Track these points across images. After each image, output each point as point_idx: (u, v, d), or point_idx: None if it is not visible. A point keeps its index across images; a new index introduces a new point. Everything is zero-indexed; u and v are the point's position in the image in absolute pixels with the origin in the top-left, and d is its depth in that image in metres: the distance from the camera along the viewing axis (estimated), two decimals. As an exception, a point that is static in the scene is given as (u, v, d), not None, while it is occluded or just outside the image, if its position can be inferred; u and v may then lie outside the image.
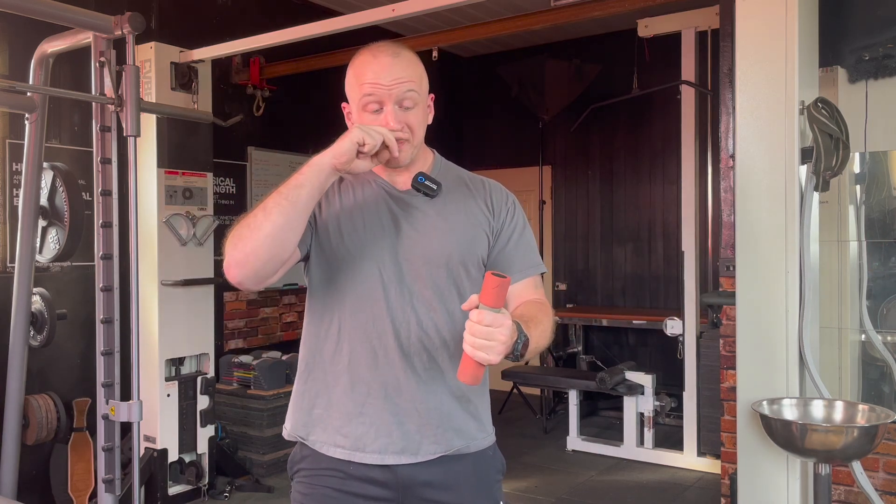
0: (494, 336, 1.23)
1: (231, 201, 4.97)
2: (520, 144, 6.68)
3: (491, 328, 1.22)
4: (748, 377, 2.64)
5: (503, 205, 1.59)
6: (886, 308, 3.14)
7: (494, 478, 1.60)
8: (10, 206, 3.77)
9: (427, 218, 1.51)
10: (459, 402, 1.52)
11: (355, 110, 1.51)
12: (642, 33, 4.70)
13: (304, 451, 1.56)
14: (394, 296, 1.47)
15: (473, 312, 1.24)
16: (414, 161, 1.53)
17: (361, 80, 1.47)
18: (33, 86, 3.27)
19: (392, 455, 1.47)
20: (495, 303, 1.24)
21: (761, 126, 2.61)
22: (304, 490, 1.55)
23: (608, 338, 6.30)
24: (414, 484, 1.49)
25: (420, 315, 1.48)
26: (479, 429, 1.56)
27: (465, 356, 1.27)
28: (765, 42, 2.60)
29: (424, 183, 1.49)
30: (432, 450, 1.49)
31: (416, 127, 1.48)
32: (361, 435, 1.48)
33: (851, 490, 3.02)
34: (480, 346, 1.24)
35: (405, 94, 1.45)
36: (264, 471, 4.41)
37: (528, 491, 4.26)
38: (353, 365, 1.49)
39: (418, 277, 1.48)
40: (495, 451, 1.61)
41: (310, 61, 4.72)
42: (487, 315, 1.23)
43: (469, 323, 1.24)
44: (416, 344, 1.48)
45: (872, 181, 3.18)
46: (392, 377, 1.47)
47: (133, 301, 2.96)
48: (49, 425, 3.65)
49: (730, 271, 3.10)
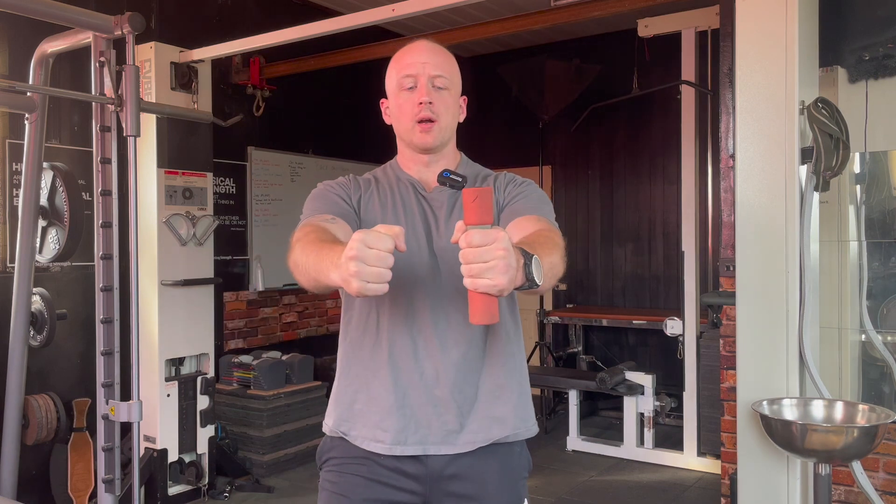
0: (491, 254, 1.08)
1: (231, 201, 4.97)
2: (520, 144, 6.67)
3: (483, 247, 1.08)
4: (748, 377, 2.64)
5: (505, 181, 1.62)
6: (886, 308, 3.14)
7: (520, 474, 1.61)
8: (10, 206, 3.77)
9: (454, 212, 1.55)
10: (500, 390, 1.53)
11: (393, 94, 1.57)
12: (642, 33, 4.70)
13: (334, 442, 1.58)
14: (431, 288, 1.50)
15: (461, 238, 1.11)
16: (444, 156, 1.60)
17: (400, 63, 1.55)
18: (33, 86, 3.27)
19: (432, 446, 1.49)
20: (480, 218, 1.09)
21: (761, 126, 2.61)
22: (332, 478, 1.56)
23: (608, 338, 6.29)
24: (442, 476, 1.51)
25: (458, 305, 1.49)
26: (521, 418, 1.57)
27: (470, 293, 1.12)
28: (765, 42, 2.60)
29: (450, 177, 1.52)
30: (471, 439, 1.50)
31: (444, 111, 1.54)
32: (403, 428, 1.49)
33: (851, 490, 3.02)
34: (479, 272, 1.09)
35: (438, 74, 1.53)
36: (264, 471, 4.41)
37: (528, 491, 4.26)
38: (393, 358, 1.50)
39: (453, 269, 1.49)
40: (523, 449, 1.63)
41: (310, 61, 4.73)
42: (476, 234, 1.08)
43: (460, 252, 1.11)
44: (455, 335, 1.49)
45: (872, 181, 3.18)
46: (431, 368, 1.49)
47: (133, 301, 2.96)
48: (49, 425, 3.64)
49: (730, 271, 3.10)
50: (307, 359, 4.81)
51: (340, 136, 5.69)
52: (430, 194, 1.58)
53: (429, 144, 1.55)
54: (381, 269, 1.12)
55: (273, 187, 5.22)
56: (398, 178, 1.61)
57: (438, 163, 1.59)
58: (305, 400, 4.69)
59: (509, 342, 1.56)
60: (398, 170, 1.63)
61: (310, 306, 5.54)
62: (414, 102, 1.52)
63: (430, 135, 1.53)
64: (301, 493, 4.20)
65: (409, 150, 1.60)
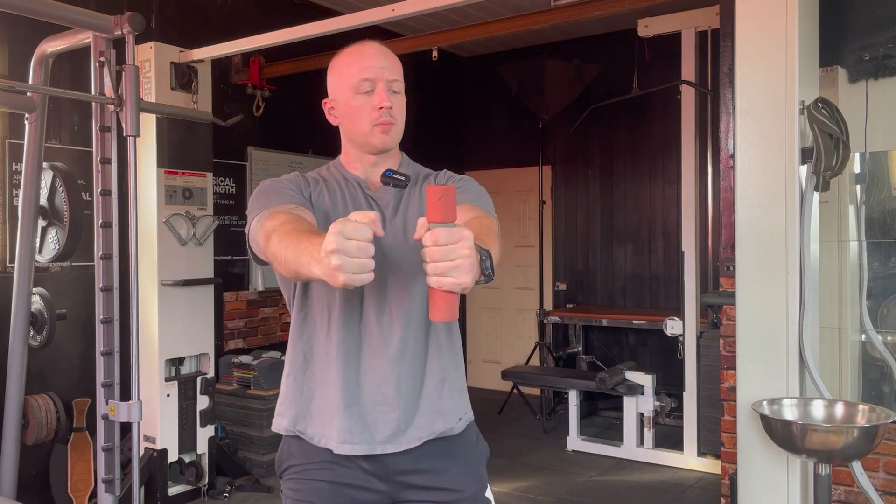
0: (457, 252, 1.08)
1: (231, 201, 4.96)
2: (520, 144, 6.67)
3: (450, 245, 1.08)
4: (748, 377, 2.64)
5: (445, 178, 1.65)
6: (886, 308, 3.14)
7: (480, 460, 1.62)
8: (9, 206, 3.77)
9: (398, 212, 1.57)
10: (442, 384, 1.55)
11: (345, 95, 1.57)
12: (642, 33, 4.70)
13: (291, 448, 1.58)
14: (375, 287, 1.50)
15: (426, 236, 1.10)
16: (391, 156, 1.62)
17: (355, 66, 1.56)
18: (33, 86, 3.27)
19: (379, 445, 1.49)
20: (444, 217, 1.08)
21: (761, 126, 2.61)
22: (295, 486, 1.56)
23: (608, 338, 6.29)
24: (402, 472, 1.52)
25: (401, 303, 1.51)
26: (462, 409, 1.59)
27: (433, 291, 1.11)
28: (765, 42, 2.60)
29: (393, 177, 1.56)
30: (416, 435, 1.51)
31: (399, 114, 1.57)
32: (349, 427, 1.49)
33: (851, 490, 3.02)
34: (444, 270, 1.09)
35: (394, 79, 1.56)
36: (264, 471, 4.41)
37: (528, 491, 4.26)
38: (341, 355, 1.51)
39: (397, 267, 1.51)
40: (479, 438, 1.64)
41: (310, 61, 4.73)
42: (442, 233, 1.08)
43: (425, 250, 1.10)
44: (398, 331, 1.50)
45: (872, 181, 3.18)
46: (377, 365, 1.50)
47: (133, 301, 2.96)
48: (49, 425, 3.64)
49: (730, 271, 3.10)
50: (307, 359, 4.80)
51: (340, 136, 5.67)
52: (375, 194, 1.59)
53: (388, 146, 1.58)
54: (364, 260, 1.10)
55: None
56: (344, 177, 1.62)
57: (385, 162, 1.61)
58: (305, 400, 4.68)
59: (450, 336, 1.58)
60: (343, 169, 1.64)
61: (310, 306, 5.54)
62: (373, 106, 1.53)
63: (390, 136, 1.56)
64: (301, 493, 4.19)
65: (356, 150, 1.61)
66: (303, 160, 5.39)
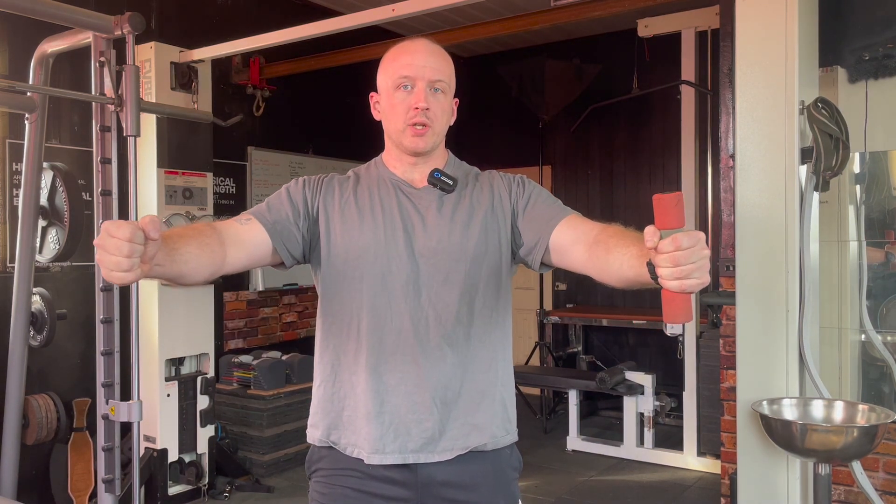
0: (699, 254, 1.11)
1: (231, 201, 4.97)
2: (520, 144, 6.67)
3: (692, 248, 1.10)
4: (748, 377, 2.64)
5: (510, 185, 1.59)
6: (886, 308, 3.14)
7: (512, 476, 1.59)
8: (10, 206, 3.77)
9: (443, 213, 1.52)
10: (481, 397, 1.51)
11: (386, 91, 1.53)
12: (642, 33, 4.70)
13: (321, 452, 1.56)
14: (411, 291, 1.47)
15: (665, 242, 1.11)
16: (433, 156, 1.56)
17: (398, 61, 1.51)
18: (33, 86, 3.27)
19: (411, 454, 1.47)
20: (679, 222, 1.12)
21: (761, 126, 2.61)
22: (322, 490, 1.54)
23: (608, 338, 6.29)
24: (433, 483, 1.49)
25: (438, 310, 1.47)
26: (501, 426, 1.54)
27: (670, 295, 1.17)
28: (765, 42, 2.60)
29: (441, 178, 1.51)
30: (450, 446, 1.48)
31: (440, 114, 1.52)
32: (381, 435, 1.47)
33: (851, 490, 3.02)
34: (689, 273, 1.11)
35: (438, 79, 1.50)
36: (264, 471, 4.41)
37: (528, 491, 4.26)
38: (373, 363, 1.48)
39: (435, 272, 1.48)
40: (513, 450, 1.60)
41: (309, 61, 4.73)
42: (684, 237, 1.11)
43: (666, 256, 1.11)
44: (436, 339, 1.47)
45: (872, 181, 3.18)
46: (412, 374, 1.47)
47: (133, 301, 2.96)
48: (49, 425, 3.64)
49: (730, 271, 3.10)
50: (307, 359, 4.81)
51: (340, 136, 5.68)
52: (416, 191, 1.54)
53: (420, 149, 1.51)
54: (120, 259, 1.08)
55: (273, 187, 5.17)
56: (381, 177, 1.57)
57: (427, 163, 1.55)
58: (305, 400, 4.68)
59: (494, 348, 1.54)
60: (382, 168, 1.59)
61: (310, 306, 5.54)
62: (409, 105, 1.48)
63: (423, 139, 1.50)
64: (301, 493, 4.20)
65: (396, 149, 1.56)
66: (303, 160, 5.39)
